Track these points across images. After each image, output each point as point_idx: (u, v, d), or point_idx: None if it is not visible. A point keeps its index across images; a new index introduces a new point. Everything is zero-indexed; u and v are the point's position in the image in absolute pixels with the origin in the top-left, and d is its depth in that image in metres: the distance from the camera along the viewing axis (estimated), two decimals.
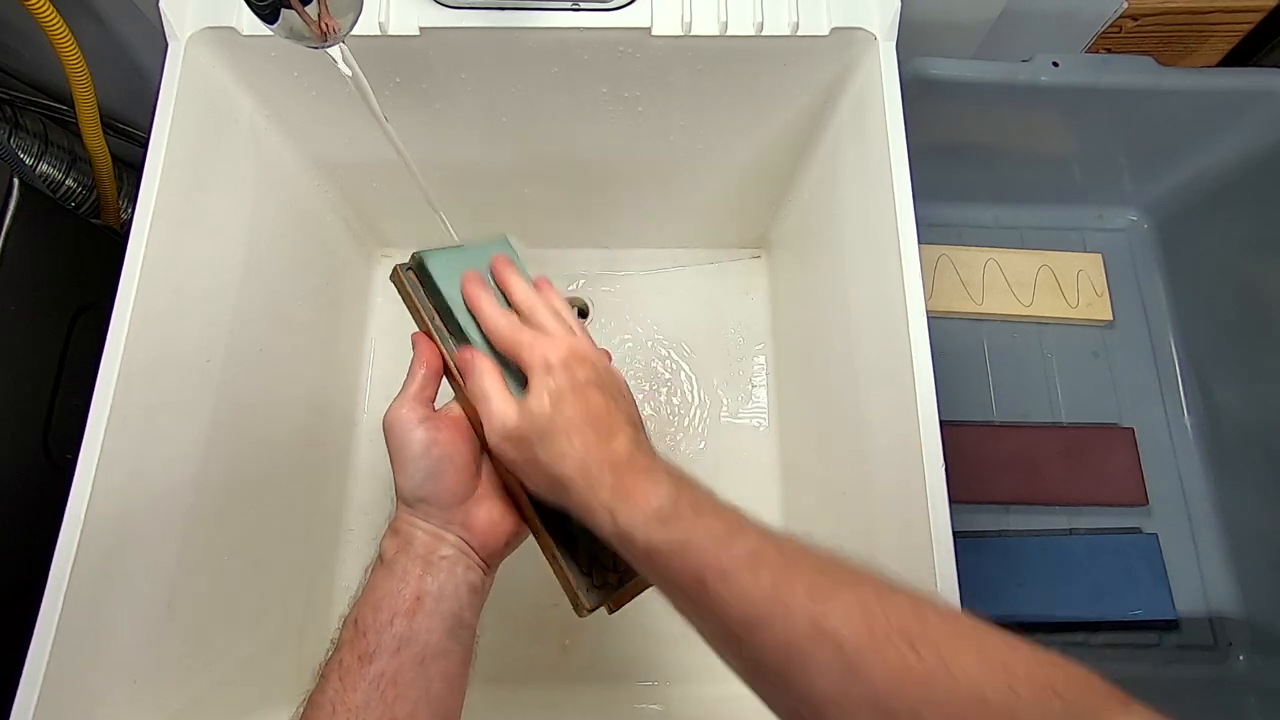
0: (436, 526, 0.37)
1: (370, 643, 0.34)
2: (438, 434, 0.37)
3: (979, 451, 0.74)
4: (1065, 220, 0.83)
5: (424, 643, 0.34)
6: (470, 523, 0.37)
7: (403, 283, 0.41)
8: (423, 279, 0.39)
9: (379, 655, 0.33)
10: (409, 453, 0.37)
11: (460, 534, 0.37)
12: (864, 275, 0.52)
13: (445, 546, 0.37)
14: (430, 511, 0.37)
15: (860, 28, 0.49)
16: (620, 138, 0.60)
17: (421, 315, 0.40)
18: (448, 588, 0.36)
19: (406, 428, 0.37)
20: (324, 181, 0.64)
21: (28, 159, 0.65)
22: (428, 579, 0.36)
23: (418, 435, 0.37)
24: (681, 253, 0.78)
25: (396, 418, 0.37)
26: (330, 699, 0.33)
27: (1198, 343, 0.78)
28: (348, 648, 0.34)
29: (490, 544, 0.38)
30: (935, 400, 0.43)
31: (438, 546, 0.37)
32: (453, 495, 0.37)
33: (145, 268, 0.44)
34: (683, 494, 0.32)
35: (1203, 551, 0.73)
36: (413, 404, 0.38)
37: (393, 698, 0.33)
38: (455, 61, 0.51)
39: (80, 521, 0.40)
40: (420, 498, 0.37)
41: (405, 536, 0.37)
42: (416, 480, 0.37)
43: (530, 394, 0.35)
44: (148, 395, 0.44)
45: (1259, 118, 0.67)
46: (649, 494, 0.32)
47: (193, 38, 0.48)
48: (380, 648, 0.34)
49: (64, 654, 0.38)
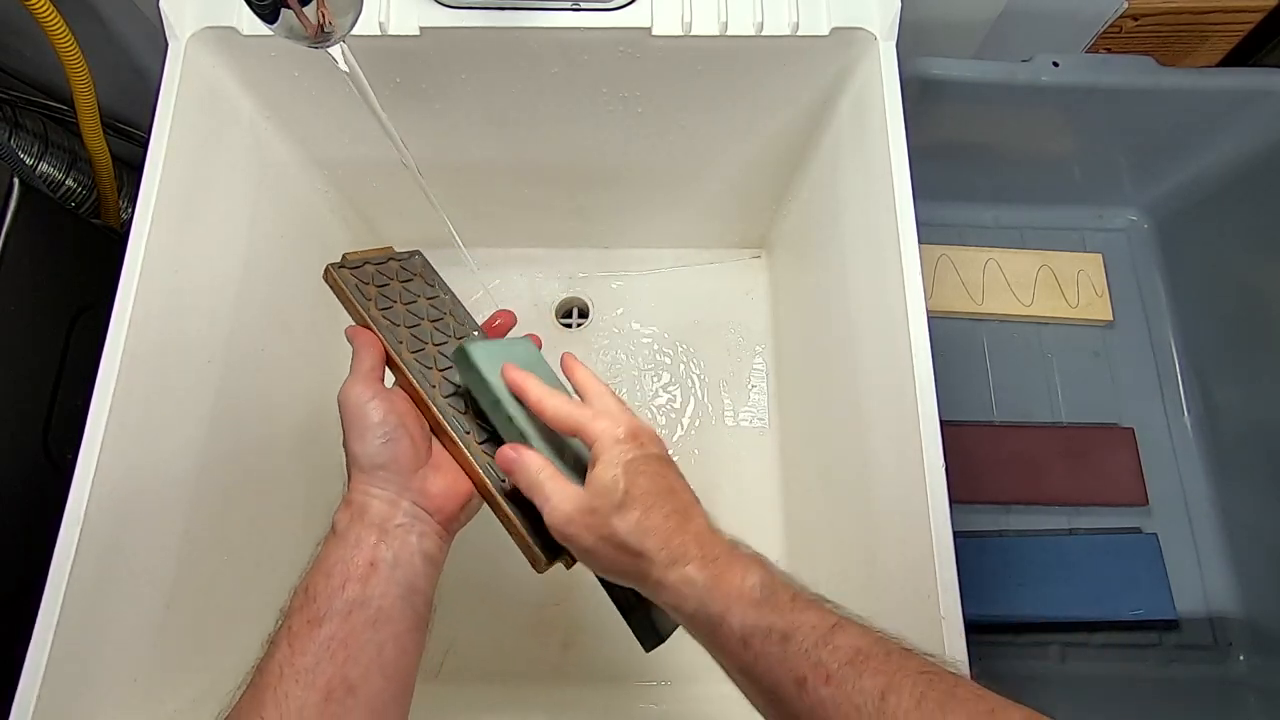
0: (393, 494, 0.37)
1: (320, 607, 0.34)
2: (391, 404, 0.38)
3: (979, 451, 0.74)
4: (1065, 220, 0.83)
5: (377, 607, 0.34)
6: (426, 488, 0.38)
7: (337, 280, 0.42)
8: (466, 367, 0.40)
9: (329, 619, 0.33)
10: (368, 420, 0.37)
11: (416, 499, 0.37)
12: (864, 275, 0.52)
13: (400, 514, 0.37)
14: (388, 478, 0.37)
15: (860, 28, 0.49)
16: (620, 138, 0.60)
17: (360, 310, 0.42)
18: (403, 555, 0.36)
19: (363, 399, 0.38)
20: (324, 181, 0.64)
21: (28, 159, 0.65)
22: (382, 546, 0.36)
23: (374, 405, 0.38)
24: (681, 253, 0.78)
25: (352, 391, 0.38)
26: (279, 663, 0.32)
27: (1198, 343, 0.78)
28: (297, 614, 0.34)
29: (447, 508, 0.38)
30: (935, 400, 0.43)
31: (393, 514, 0.37)
32: (409, 460, 0.38)
33: (145, 268, 0.44)
34: (775, 579, 0.31)
35: (1203, 551, 0.73)
36: (366, 380, 0.39)
37: (343, 659, 0.33)
38: (455, 61, 0.51)
39: (80, 521, 0.40)
40: (379, 464, 0.37)
41: (359, 506, 0.37)
42: (375, 446, 0.37)
43: (600, 466, 0.35)
44: (147, 395, 0.44)
45: (1259, 118, 0.67)
46: (743, 576, 0.31)
47: (193, 38, 0.48)
48: (331, 611, 0.33)
49: (64, 654, 0.38)
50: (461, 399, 0.42)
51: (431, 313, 0.45)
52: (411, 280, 0.46)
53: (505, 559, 0.40)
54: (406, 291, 0.45)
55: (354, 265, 0.44)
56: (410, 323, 0.43)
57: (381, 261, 0.45)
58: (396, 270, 0.46)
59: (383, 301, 0.43)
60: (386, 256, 0.46)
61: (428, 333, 0.44)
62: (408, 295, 0.45)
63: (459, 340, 0.44)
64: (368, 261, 0.45)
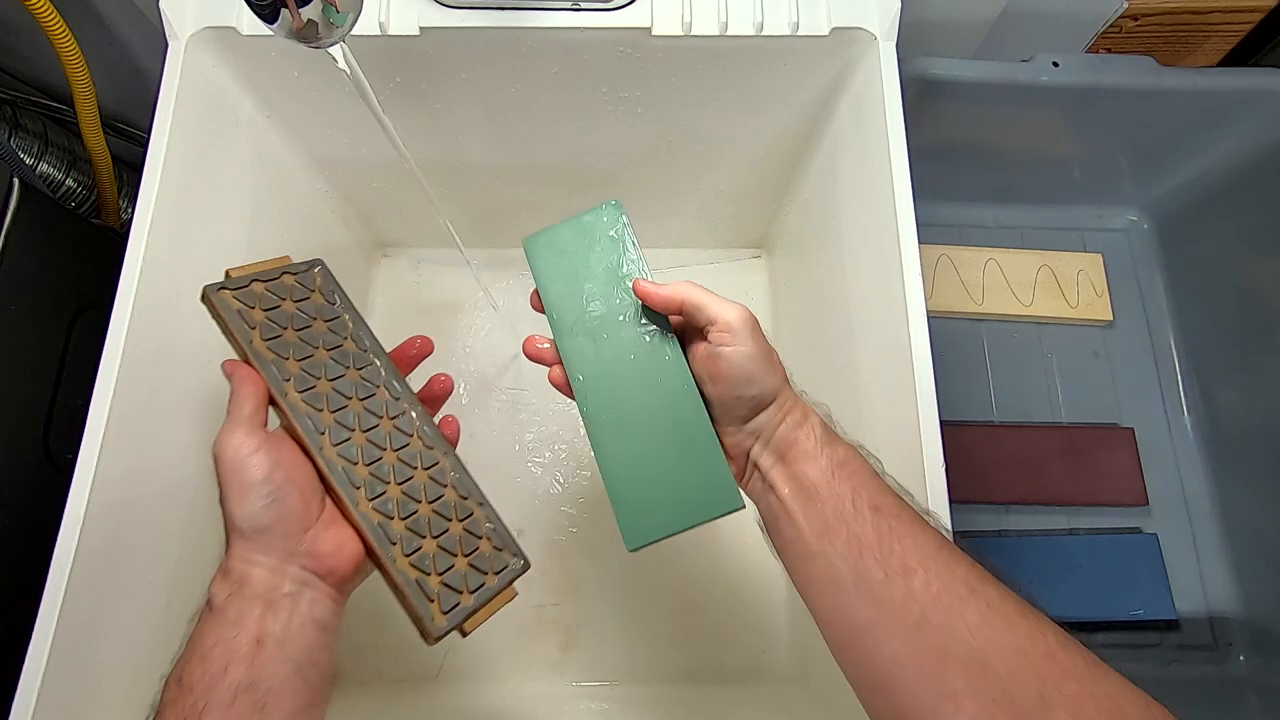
0: (277, 560, 0.33)
1: (198, 699, 0.30)
2: (277, 456, 0.34)
3: (979, 451, 0.74)
4: (1065, 220, 0.83)
5: (266, 689, 0.31)
6: (317, 550, 0.34)
7: (214, 306, 0.37)
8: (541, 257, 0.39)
9: (210, 711, 0.30)
10: (248, 479, 0.33)
11: (305, 564, 0.34)
12: (864, 275, 0.52)
13: (288, 582, 0.33)
14: (271, 543, 0.33)
15: (860, 28, 0.49)
16: (620, 138, 0.60)
17: (239, 342, 0.37)
18: (293, 627, 0.33)
19: (243, 453, 0.33)
20: (324, 181, 0.64)
21: (28, 159, 0.65)
22: (269, 619, 0.32)
23: (257, 460, 0.33)
24: (681, 252, 0.78)
25: (229, 443, 0.33)
26: None
27: (1198, 343, 0.78)
28: (170, 709, 0.30)
29: (340, 569, 0.35)
30: (935, 400, 0.43)
31: (279, 582, 0.33)
32: (298, 521, 0.34)
33: (145, 268, 0.44)
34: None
35: (1203, 551, 0.73)
36: (247, 428, 0.34)
37: None
38: (455, 61, 0.51)
39: (80, 521, 0.40)
40: (261, 527, 0.33)
41: (239, 576, 0.33)
42: (258, 508, 0.33)
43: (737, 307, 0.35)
44: (148, 395, 0.44)
45: (1259, 118, 0.67)
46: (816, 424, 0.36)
47: (193, 38, 0.48)
48: (212, 701, 0.30)
49: (64, 654, 0.38)
50: (356, 448, 0.37)
51: (328, 339, 0.40)
52: (307, 299, 0.40)
53: None
54: (300, 314, 0.40)
55: (237, 285, 0.38)
56: (302, 354, 0.38)
57: (272, 278, 0.40)
58: (290, 287, 0.40)
59: (269, 329, 0.38)
60: (280, 270, 0.40)
61: (321, 365, 0.39)
62: (301, 319, 0.39)
63: (360, 372, 0.39)
64: (256, 278, 0.39)
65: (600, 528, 0.68)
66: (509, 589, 0.39)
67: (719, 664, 0.65)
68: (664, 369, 0.37)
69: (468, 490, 0.39)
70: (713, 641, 0.65)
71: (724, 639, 0.65)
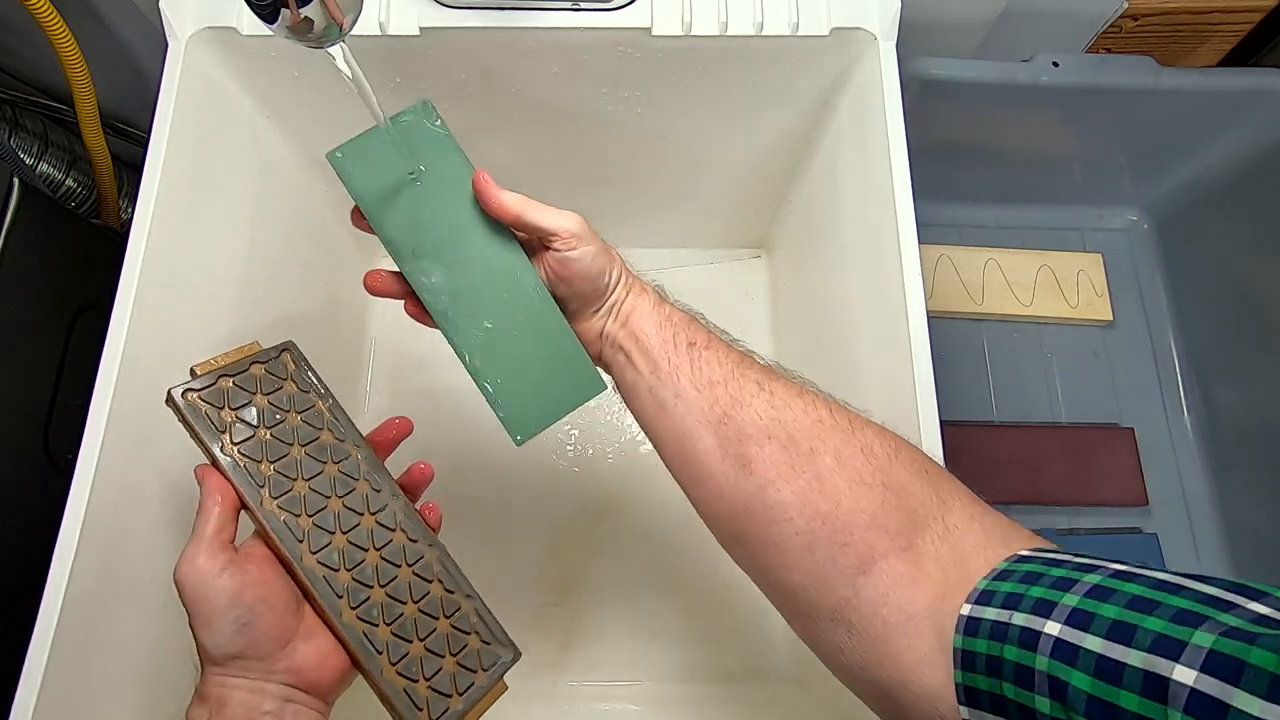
0: (256, 678, 0.32)
1: None
2: (245, 577, 0.33)
3: (979, 451, 0.74)
4: (1065, 220, 0.83)
5: None
6: (298, 665, 0.33)
7: (180, 411, 0.36)
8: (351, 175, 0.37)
9: None
10: (213, 606, 0.32)
11: (286, 680, 0.33)
12: (864, 275, 0.52)
13: (268, 700, 0.32)
14: (247, 665, 0.32)
15: (860, 28, 0.49)
16: (620, 138, 0.60)
17: (209, 447, 0.35)
18: None
19: (206, 578, 0.32)
20: (324, 181, 0.64)
21: (28, 159, 0.65)
22: None
23: (222, 585, 0.32)
24: (681, 253, 0.78)
25: (192, 569, 0.32)
26: None
27: (1198, 343, 0.78)
28: None
29: (323, 681, 0.34)
30: (935, 400, 0.43)
31: (259, 702, 0.32)
32: (273, 641, 0.33)
33: (145, 268, 0.44)
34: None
35: (1203, 551, 0.73)
36: (210, 550, 0.33)
37: None
38: (455, 61, 0.51)
39: (80, 521, 0.40)
40: (233, 654, 0.32)
41: (217, 700, 0.32)
42: (226, 635, 0.32)
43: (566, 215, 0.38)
44: (148, 395, 0.44)
45: (1259, 118, 0.67)
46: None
47: (193, 38, 0.48)
48: None
49: (64, 654, 0.38)
50: (338, 553, 0.36)
51: (303, 433, 0.38)
52: (279, 389, 0.39)
53: (504, 559, 0.40)
54: (272, 408, 0.38)
55: (203, 386, 0.37)
56: (276, 454, 0.37)
57: (240, 370, 0.38)
58: (260, 379, 0.38)
59: (241, 431, 0.36)
60: (248, 360, 0.39)
61: (297, 464, 0.37)
62: (273, 414, 0.38)
63: (338, 465, 0.38)
64: (223, 373, 0.37)
65: (600, 527, 0.68)
66: (499, 684, 0.39)
67: (719, 664, 0.65)
68: (513, 278, 0.39)
69: (454, 584, 0.39)
70: (713, 641, 0.65)
71: (724, 639, 0.65)
